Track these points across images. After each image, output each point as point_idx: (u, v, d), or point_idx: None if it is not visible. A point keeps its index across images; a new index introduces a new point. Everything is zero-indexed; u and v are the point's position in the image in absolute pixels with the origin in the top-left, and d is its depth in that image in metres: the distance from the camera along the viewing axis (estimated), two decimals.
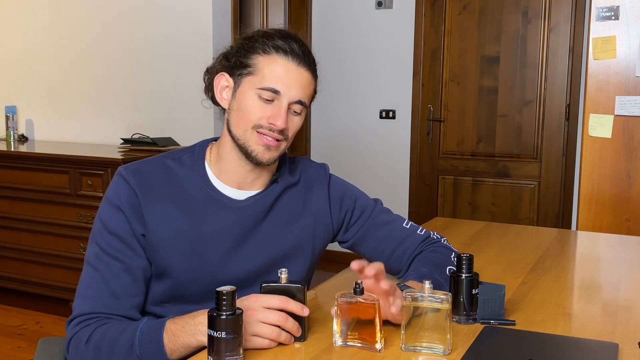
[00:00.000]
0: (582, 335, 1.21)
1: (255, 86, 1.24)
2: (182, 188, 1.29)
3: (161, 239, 1.25)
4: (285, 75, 1.24)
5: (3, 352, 3.00)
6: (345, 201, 1.43)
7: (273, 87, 1.23)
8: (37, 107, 4.17)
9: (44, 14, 4.08)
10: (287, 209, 1.36)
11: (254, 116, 1.24)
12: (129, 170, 1.28)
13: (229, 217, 1.29)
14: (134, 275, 1.24)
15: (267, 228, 1.32)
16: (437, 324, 1.09)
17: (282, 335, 1.10)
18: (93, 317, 1.21)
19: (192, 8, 3.58)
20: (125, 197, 1.25)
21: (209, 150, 1.35)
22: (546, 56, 3.93)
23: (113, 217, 1.25)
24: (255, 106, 1.24)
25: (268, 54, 1.24)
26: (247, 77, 1.25)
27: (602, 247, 2.05)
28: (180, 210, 1.27)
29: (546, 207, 4.04)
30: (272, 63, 1.24)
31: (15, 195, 3.54)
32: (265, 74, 1.24)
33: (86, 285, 1.24)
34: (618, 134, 2.63)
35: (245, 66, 1.26)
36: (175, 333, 1.11)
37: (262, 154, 1.26)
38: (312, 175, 1.43)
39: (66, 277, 3.43)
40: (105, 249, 1.24)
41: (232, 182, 1.31)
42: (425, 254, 1.41)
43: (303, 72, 1.26)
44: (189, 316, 1.12)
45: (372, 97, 4.40)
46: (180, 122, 3.68)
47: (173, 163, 1.31)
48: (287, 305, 1.10)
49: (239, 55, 1.27)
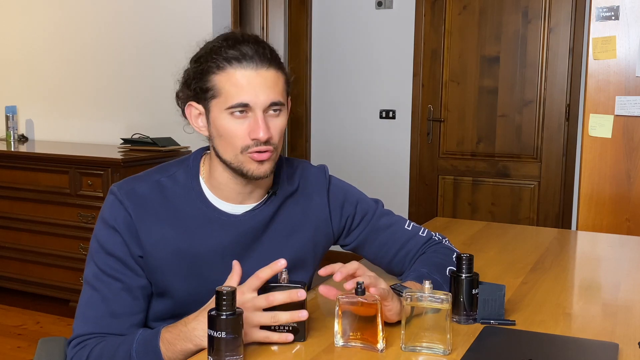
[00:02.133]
0: (582, 335, 1.21)
1: (223, 107, 1.19)
2: (178, 208, 1.26)
3: (159, 261, 1.24)
4: (247, 84, 1.17)
5: (3, 352, 3.00)
6: (346, 207, 1.41)
7: (240, 102, 1.17)
8: (37, 107, 4.17)
9: (44, 14, 4.08)
10: (286, 221, 1.33)
11: (237, 139, 1.19)
12: (122, 191, 1.25)
13: (227, 234, 1.27)
14: (133, 294, 1.23)
15: (267, 242, 1.30)
16: (437, 324, 1.09)
17: (274, 336, 1.10)
18: (93, 336, 1.20)
19: (192, 8, 3.58)
20: (121, 219, 1.23)
21: (202, 162, 1.32)
22: (546, 56, 3.93)
23: (109, 238, 1.23)
24: (233, 128, 1.19)
25: (223, 70, 1.18)
26: (213, 101, 1.20)
27: (602, 247, 2.05)
28: (176, 231, 1.25)
29: (546, 207, 4.05)
30: (230, 78, 1.18)
31: (15, 195, 3.54)
32: (228, 91, 1.18)
33: (85, 305, 1.23)
34: (618, 134, 2.63)
35: (207, 90, 1.20)
36: (171, 342, 1.11)
37: (257, 169, 1.21)
38: (312, 181, 1.39)
39: (66, 277, 3.43)
40: (103, 269, 1.23)
41: (228, 197, 1.28)
42: (426, 255, 1.41)
43: (264, 73, 1.18)
44: (182, 323, 1.12)
45: (372, 97, 4.39)
46: (180, 122, 3.66)
47: (167, 181, 1.28)
48: (273, 301, 1.10)
49: (197, 81, 1.22)
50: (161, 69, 3.72)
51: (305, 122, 4.56)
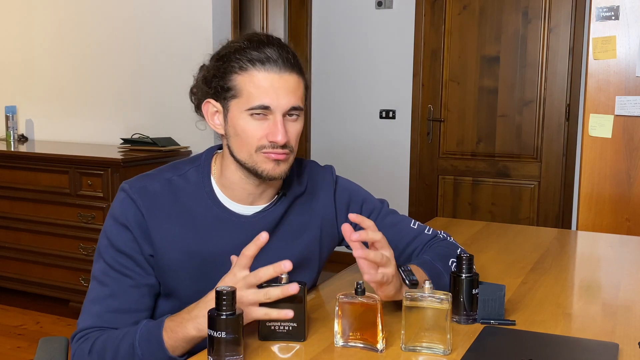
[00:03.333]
0: (582, 335, 1.21)
1: (243, 108, 1.19)
2: (189, 207, 1.26)
3: (169, 261, 1.24)
4: (270, 87, 1.17)
5: (3, 352, 3.00)
6: (352, 207, 1.41)
7: (261, 104, 1.18)
8: (37, 107, 4.17)
9: (44, 14, 4.08)
10: (294, 222, 1.33)
11: (254, 139, 1.19)
12: (134, 189, 1.24)
13: (237, 235, 1.26)
14: (141, 291, 1.24)
15: (275, 243, 1.29)
16: (437, 324, 1.09)
17: (273, 312, 1.09)
18: (95, 330, 1.21)
19: (192, 8, 3.58)
20: (132, 217, 1.22)
21: (214, 161, 1.31)
22: (546, 56, 3.93)
23: (120, 235, 1.23)
24: (252, 128, 1.19)
25: (246, 71, 1.18)
26: (233, 101, 1.20)
27: (602, 247, 2.05)
28: (187, 231, 1.25)
29: (546, 207, 4.05)
30: (252, 79, 1.18)
31: (15, 195, 3.54)
32: (249, 93, 1.18)
33: (92, 300, 1.23)
34: (618, 134, 2.63)
35: (228, 89, 1.20)
36: (173, 329, 1.11)
37: (273, 170, 1.21)
38: (319, 181, 1.40)
39: (66, 277, 3.43)
40: (112, 265, 1.23)
41: (238, 198, 1.28)
42: (431, 248, 1.42)
43: (287, 77, 1.19)
44: (185, 311, 1.13)
45: (372, 97, 4.39)
46: (180, 122, 3.68)
47: (179, 180, 1.28)
48: (268, 291, 1.10)
49: (218, 80, 1.22)
50: (161, 69, 3.72)
51: (305, 122, 4.55)
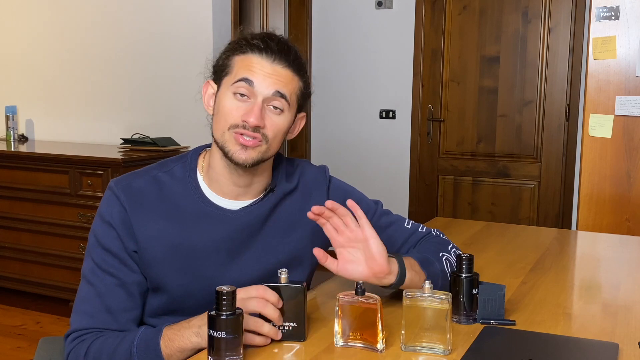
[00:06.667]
0: (582, 335, 1.21)
1: (229, 84, 1.21)
2: (174, 202, 1.26)
3: (154, 256, 1.24)
4: (259, 70, 1.20)
5: (3, 352, 3.00)
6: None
7: (244, 77, 1.19)
8: (37, 107, 4.17)
9: (44, 14, 4.08)
10: (284, 219, 1.33)
11: (230, 116, 1.20)
12: (119, 186, 1.25)
13: (223, 230, 1.26)
14: (128, 290, 1.24)
15: (263, 239, 1.30)
16: (437, 324, 1.09)
17: (265, 327, 1.10)
18: (89, 331, 1.21)
19: (192, 8, 3.58)
20: (116, 214, 1.23)
21: (201, 158, 1.32)
22: (546, 56, 3.93)
23: (105, 233, 1.24)
24: (231, 106, 1.20)
25: (244, 53, 1.22)
26: (225, 78, 1.23)
27: (602, 247, 2.05)
28: (172, 226, 1.25)
29: (546, 207, 4.04)
30: (245, 60, 1.21)
31: (15, 195, 3.54)
32: (238, 69, 1.21)
33: (82, 300, 1.24)
34: (618, 134, 2.63)
35: (223, 68, 1.24)
36: (171, 338, 1.11)
37: (239, 153, 1.20)
38: (311, 180, 1.39)
39: (66, 277, 3.43)
40: (99, 264, 1.23)
41: (225, 192, 1.28)
42: (422, 243, 1.42)
43: (279, 69, 1.21)
44: (185, 321, 1.13)
45: (372, 97, 4.39)
46: (180, 122, 3.68)
47: (164, 176, 1.28)
48: (264, 295, 1.11)
49: (220, 59, 1.26)
50: (161, 69, 3.72)
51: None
